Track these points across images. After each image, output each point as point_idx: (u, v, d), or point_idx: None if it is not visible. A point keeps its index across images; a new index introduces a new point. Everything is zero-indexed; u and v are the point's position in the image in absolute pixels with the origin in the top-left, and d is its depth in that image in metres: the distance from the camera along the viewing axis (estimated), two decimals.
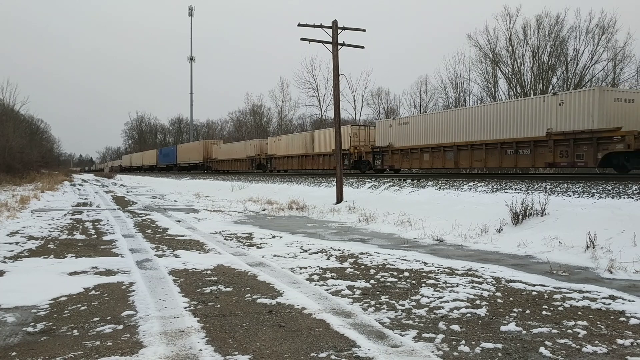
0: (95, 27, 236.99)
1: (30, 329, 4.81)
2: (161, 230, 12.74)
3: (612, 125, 17.16)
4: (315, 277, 7.12)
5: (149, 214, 17.16)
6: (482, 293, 6.17)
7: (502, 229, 10.91)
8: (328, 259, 8.62)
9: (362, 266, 7.93)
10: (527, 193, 12.97)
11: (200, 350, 4.21)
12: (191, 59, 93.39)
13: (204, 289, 6.42)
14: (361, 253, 9.11)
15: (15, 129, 49.19)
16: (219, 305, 5.62)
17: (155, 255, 8.98)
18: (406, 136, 27.20)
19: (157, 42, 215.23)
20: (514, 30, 45.95)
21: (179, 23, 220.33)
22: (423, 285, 6.62)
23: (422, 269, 7.71)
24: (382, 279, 6.98)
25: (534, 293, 6.19)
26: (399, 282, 6.80)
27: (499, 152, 21.26)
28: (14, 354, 4.16)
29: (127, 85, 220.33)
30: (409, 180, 19.05)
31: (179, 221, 14.86)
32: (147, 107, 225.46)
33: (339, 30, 19.40)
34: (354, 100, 68.05)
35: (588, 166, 18.12)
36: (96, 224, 14.18)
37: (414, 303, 5.75)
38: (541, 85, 44.37)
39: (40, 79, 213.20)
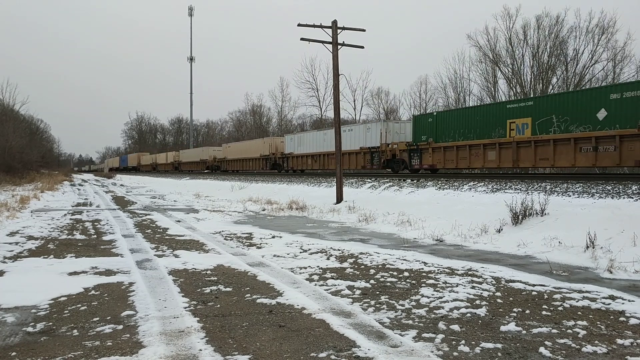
0: (96, 27, 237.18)
1: (30, 329, 4.81)
2: (161, 230, 12.74)
3: None
4: (315, 277, 7.12)
5: (149, 214, 17.15)
6: (482, 293, 6.17)
7: (502, 229, 10.91)
8: (328, 259, 8.62)
9: (362, 266, 7.93)
10: (527, 193, 12.98)
11: (200, 350, 4.21)
12: (191, 59, 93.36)
13: (203, 289, 6.43)
14: (361, 253, 9.11)
15: (15, 129, 49.17)
16: (218, 305, 5.62)
17: (155, 255, 8.98)
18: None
19: (157, 42, 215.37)
20: (513, 30, 45.98)
21: (178, 23, 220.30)
22: (423, 285, 6.62)
23: (422, 269, 7.71)
24: (382, 279, 6.98)
25: (533, 293, 6.19)
26: (399, 282, 6.80)
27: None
28: (13, 354, 4.16)
29: (127, 85, 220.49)
30: (409, 180, 19.05)
31: (178, 221, 14.86)
32: (147, 107, 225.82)
33: (338, 31, 19.40)
34: (354, 100, 68.09)
35: None
36: (96, 224, 14.18)
37: (413, 303, 5.75)
38: (541, 85, 44.38)
39: (40, 79, 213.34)
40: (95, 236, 11.56)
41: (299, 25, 18.90)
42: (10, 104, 51.85)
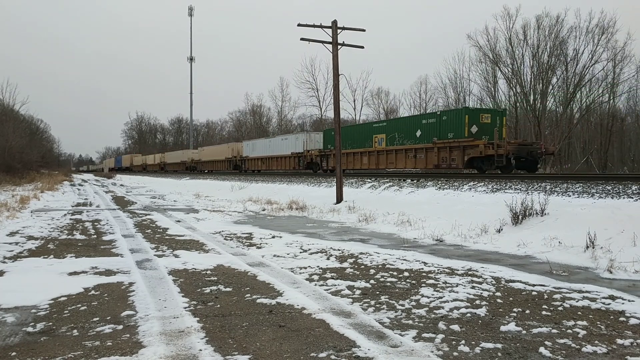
0: (95, 27, 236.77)
1: (30, 329, 4.81)
2: (161, 230, 12.74)
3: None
4: (315, 277, 7.12)
5: (149, 214, 17.15)
6: (482, 293, 6.17)
7: (501, 229, 10.92)
8: (328, 259, 8.62)
9: (362, 266, 7.93)
10: (527, 193, 12.97)
11: (200, 350, 4.21)
12: (191, 59, 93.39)
13: (203, 289, 6.42)
14: (361, 253, 9.11)
15: (15, 129, 49.14)
16: (218, 305, 5.62)
17: (155, 255, 8.98)
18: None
19: (157, 42, 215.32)
20: (513, 30, 45.92)
21: (179, 23, 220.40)
22: (423, 285, 6.62)
23: (422, 269, 7.71)
24: (382, 279, 6.98)
25: (533, 293, 6.19)
26: (399, 282, 6.80)
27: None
28: (13, 354, 4.16)
29: (127, 85, 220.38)
30: (409, 180, 19.05)
31: (178, 221, 14.86)
32: (147, 107, 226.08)
33: (338, 31, 19.40)
34: (354, 100, 68.02)
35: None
36: (96, 224, 14.18)
37: (413, 303, 5.75)
38: (541, 85, 44.38)
39: (40, 79, 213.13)
40: (95, 236, 11.56)
41: (299, 25, 18.90)
42: (10, 104, 51.83)
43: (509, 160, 20.75)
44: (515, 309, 5.46)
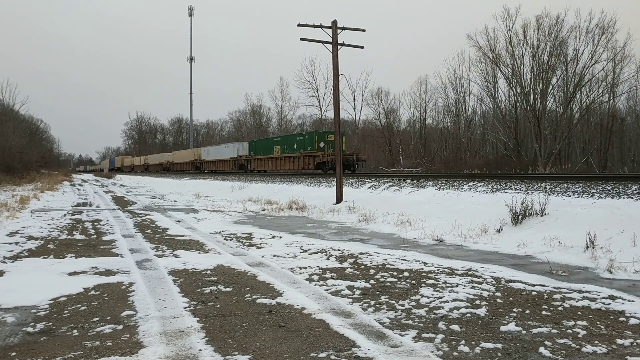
0: (95, 27, 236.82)
1: (30, 329, 4.81)
2: (161, 230, 12.74)
3: None
4: (315, 277, 7.13)
5: (149, 214, 17.15)
6: (481, 293, 6.17)
7: (501, 229, 10.92)
8: (328, 259, 8.62)
9: (362, 266, 7.93)
10: (527, 193, 12.98)
11: (200, 350, 4.21)
12: (191, 59, 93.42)
13: (203, 289, 6.42)
14: (361, 253, 9.11)
15: (15, 129, 49.12)
16: (218, 305, 5.62)
17: (155, 255, 8.98)
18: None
19: (157, 42, 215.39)
20: (513, 30, 45.87)
21: (178, 23, 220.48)
22: (423, 285, 6.62)
23: (422, 269, 7.71)
24: (381, 279, 6.98)
25: (533, 293, 6.19)
26: (399, 282, 6.80)
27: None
28: (13, 354, 4.16)
29: (128, 86, 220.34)
30: (409, 181, 19.05)
31: (178, 221, 14.86)
32: (147, 107, 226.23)
33: (338, 31, 19.40)
34: (354, 101, 67.87)
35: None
36: (96, 224, 14.18)
37: (413, 303, 5.75)
38: (541, 85, 44.32)
39: (40, 79, 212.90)
40: (95, 236, 11.55)
41: (299, 25, 18.90)
42: (10, 104, 51.82)
43: (328, 165, 33.89)
44: (515, 309, 5.46)
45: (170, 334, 4.60)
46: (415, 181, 18.69)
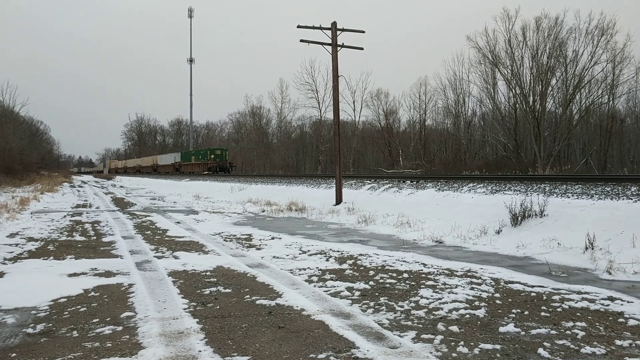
0: (93, 20, 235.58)
1: (30, 330, 4.82)
2: (161, 231, 12.75)
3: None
4: (315, 279, 7.13)
5: (149, 216, 17.16)
6: (480, 294, 6.18)
7: (501, 230, 10.93)
8: (327, 260, 8.63)
9: (362, 267, 7.93)
10: (526, 194, 12.99)
11: (200, 351, 4.21)
12: (190, 61, 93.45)
13: (203, 290, 6.43)
14: (360, 254, 9.12)
15: (15, 130, 49.15)
16: (218, 307, 5.63)
17: (154, 256, 8.98)
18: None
19: (157, 43, 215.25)
20: (513, 31, 45.89)
21: (178, 24, 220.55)
22: (422, 286, 6.63)
23: (422, 270, 7.72)
24: (381, 281, 6.99)
25: (532, 294, 6.20)
26: (398, 284, 6.81)
27: None
28: (13, 355, 4.17)
29: (128, 85, 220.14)
30: (409, 182, 19.06)
31: (178, 222, 14.86)
32: (147, 108, 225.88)
33: (338, 32, 19.43)
34: (354, 102, 67.79)
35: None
36: (96, 225, 14.18)
37: (413, 304, 5.76)
38: (540, 86, 44.35)
39: (39, 77, 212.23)
40: (95, 238, 11.56)
41: (299, 26, 18.92)
42: (11, 106, 51.88)
43: (216, 169, 57.51)
44: (514, 310, 5.47)
45: (170, 335, 4.61)
46: (415, 182, 18.70)
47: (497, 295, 6.15)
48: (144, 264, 8.27)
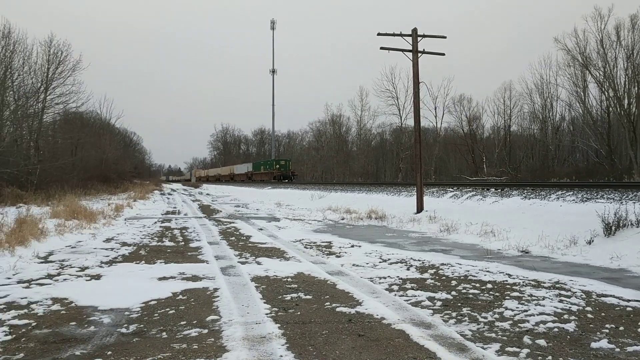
0: (184, 34, 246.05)
1: (123, 330, 5.10)
2: (244, 237, 13.10)
3: None
4: (395, 287, 7.07)
5: (233, 222, 17.68)
6: (570, 307, 5.88)
7: (592, 241, 10.35)
8: (408, 269, 8.53)
9: (443, 277, 7.78)
10: (621, 203, 12.24)
11: (281, 356, 4.29)
12: (273, 72, 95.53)
13: (284, 296, 6.54)
14: (442, 264, 8.94)
15: (111, 141, 52.30)
16: (299, 313, 5.71)
17: (238, 262, 9.24)
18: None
19: (240, 55, 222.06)
20: (605, 31, 43.53)
21: (260, 36, 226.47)
22: (507, 297, 6.41)
23: (506, 281, 7.46)
24: (463, 291, 6.82)
25: (628, 309, 5.82)
26: (482, 294, 6.62)
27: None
28: (109, 353, 4.43)
29: (214, 97, 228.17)
30: (493, 190, 18.50)
31: (261, 229, 15.21)
32: (232, 119, 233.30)
33: (418, 38, 19.24)
34: (435, 108, 66.70)
35: None
36: (183, 231, 14.79)
37: (497, 316, 5.58)
38: (636, 88, 41.73)
39: (132, 89, 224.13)
40: (182, 243, 12.06)
41: (379, 34, 18.93)
42: (107, 119, 55.14)
43: (280, 177, 65.55)
44: (607, 325, 5.16)
45: (253, 339, 4.72)
46: (499, 190, 18.12)
47: (588, 308, 5.83)
48: (229, 269, 8.53)
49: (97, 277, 7.85)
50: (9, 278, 7.72)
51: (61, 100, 32.80)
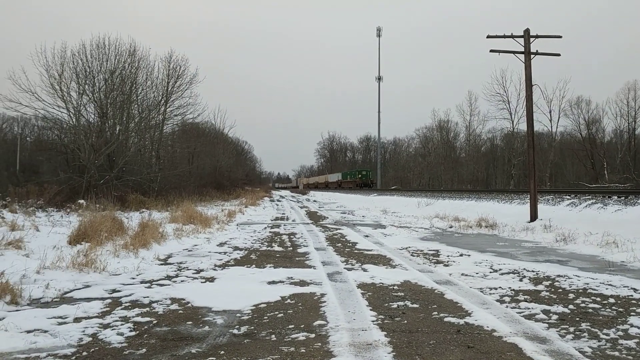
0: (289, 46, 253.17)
1: (235, 331, 5.32)
2: (350, 244, 13.18)
3: None
4: (507, 299, 6.78)
5: (339, 229, 17.85)
6: None
7: None
8: (520, 280, 8.14)
9: (559, 290, 7.34)
10: None
11: None
12: (379, 79, 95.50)
13: (390, 303, 6.50)
14: (558, 275, 8.44)
15: (224, 150, 54.86)
16: (405, 321, 5.64)
17: (344, 268, 9.31)
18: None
19: (346, 64, 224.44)
20: None
21: (365, 43, 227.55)
22: (632, 314, 5.92)
23: (631, 295, 6.89)
24: (582, 305, 6.39)
25: None
26: (603, 309, 6.17)
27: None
28: (222, 352, 4.63)
29: (321, 109, 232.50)
30: (615, 197, 17.20)
31: (366, 236, 15.22)
32: (338, 126, 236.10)
33: (531, 39, 18.39)
34: (550, 112, 63.14)
35: None
36: (292, 237, 15.15)
37: (620, 333, 5.17)
38: None
39: (235, 96, 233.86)
40: (291, 248, 12.36)
41: (488, 37, 18.33)
42: (221, 128, 57.94)
43: (360, 185, 79.59)
44: None
45: (359, 346, 4.73)
46: (623, 198, 16.81)
47: None
48: (335, 275, 8.62)
49: (211, 279, 8.25)
50: (133, 278, 8.33)
51: (179, 112, 35.00)
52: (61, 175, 25.28)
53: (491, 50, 18.56)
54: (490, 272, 8.88)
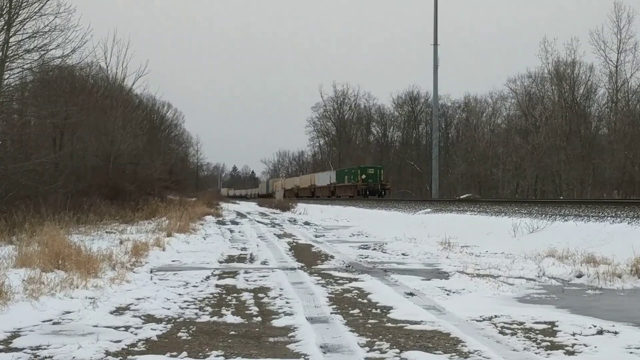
0: None
1: None
2: (378, 310, 13.12)
3: None
4: None
5: (356, 279, 17.78)
6: None
7: None
8: None
9: None
10: None
11: None
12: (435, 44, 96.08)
13: None
14: None
15: (126, 120, 54.79)
16: None
17: None
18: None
19: None
20: None
21: None
22: None
23: None
24: None
25: None
26: None
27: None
28: None
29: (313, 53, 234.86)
30: None
31: (410, 294, 15.18)
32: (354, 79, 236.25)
33: None
34: None
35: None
36: (260, 295, 15.09)
37: None
38: None
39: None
40: (259, 318, 12.29)
41: None
42: (120, 77, 57.95)
43: (365, 192, 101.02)
44: None
45: None
46: None
47: None
48: None
49: None
50: None
51: (35, 44, 34.38)
52: None
53: None
54: None
